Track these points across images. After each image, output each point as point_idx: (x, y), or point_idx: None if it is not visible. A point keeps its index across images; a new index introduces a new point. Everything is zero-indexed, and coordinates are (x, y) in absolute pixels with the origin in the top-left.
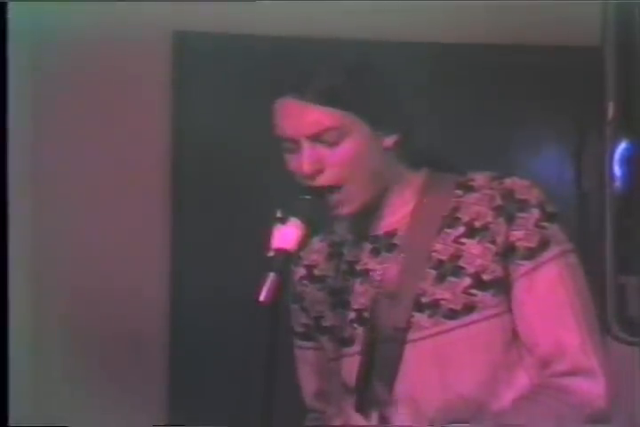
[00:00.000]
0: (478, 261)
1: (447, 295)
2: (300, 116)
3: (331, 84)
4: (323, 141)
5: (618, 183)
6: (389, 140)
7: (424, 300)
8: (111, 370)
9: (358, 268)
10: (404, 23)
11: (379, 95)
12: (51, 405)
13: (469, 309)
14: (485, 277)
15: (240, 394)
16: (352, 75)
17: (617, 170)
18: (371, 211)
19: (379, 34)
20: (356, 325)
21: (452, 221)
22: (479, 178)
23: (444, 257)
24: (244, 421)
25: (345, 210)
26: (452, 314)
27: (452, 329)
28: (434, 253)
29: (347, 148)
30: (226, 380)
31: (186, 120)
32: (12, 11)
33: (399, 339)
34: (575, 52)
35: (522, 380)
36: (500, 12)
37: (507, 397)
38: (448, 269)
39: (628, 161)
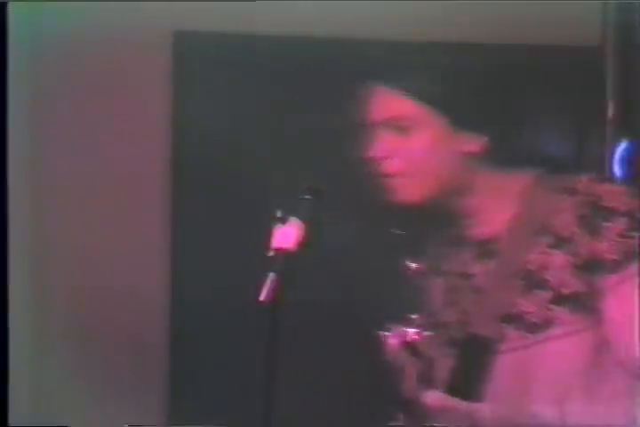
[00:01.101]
0: (559, 274)
1: (532, 308)
2: (382, 101)
3: (422, 77)
4: (397, 129)
5: (618, 183)
6: (474, 145)
7: (511, 311)
8: (111, 370)
9: (461, 272)
10: (404, 23)
11: (467, 96)
12: (51, 405)
13: (548, 323)
14: (564, 291)
15: (240, 394)
16: (445, 72)
17: (617, 170)
18: (464, 215)
19: (379, 34)
20: (450, 328)
21: (545, 228)
22: (583, 181)
23: (533, 267)
24: (244, 421)
25: (403, 197)
26: (534, 328)
27: (533, 344)
28: (525, 262)
29: (418, 139)
30: (226, 380)
31: (186, 120)
32: (12, 11)
33: (487, 349)
34: (575, 52)
35: (603, 396)
36: (499, 11)
37: (582, 415)
38: (535, 280)
39: (628, 161)
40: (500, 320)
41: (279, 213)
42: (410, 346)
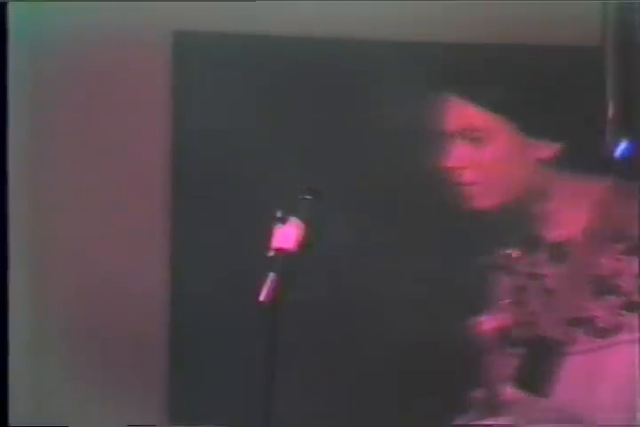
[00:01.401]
0: (632, 281)
1: (601, 313)
2: (454, 113)
3: (491, 88)
4: (470, 139)
5: None
6: (547, 150)
7: (581, 315)
8: (111, 370)
9: (533, 273)
10: (404, 23)
11: (538, 104)
12: (51, 405)
13: (618, 329)
14: (636, 297)
15: (240, 394)
16: (515, 81)
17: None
18: (539, 218)
19: (379, 34)
20: (519, 327)
21: (619, 234)
22: None
23: (605, 273)
24: (244, 421)
25: (478, 204)
26: (603, 332)
27: (602, 348)
28: (598, 268)
29: (491, 149)
30: (226, 380)
31: (186, 120)
32: (12, 11)
33: (555, 350)
34: (575, 52)
35: None
36: (500, 11)
37: None
38: (606, 285)
39: (628, 161)
40: (569, 323)
41: (279, 213)
42: (500, 331)
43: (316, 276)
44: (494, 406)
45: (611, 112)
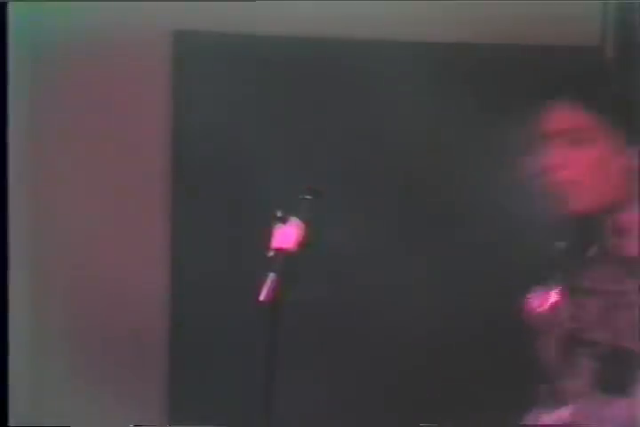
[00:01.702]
0: None
1: None
2: (556, 113)
3: (593, 88)
4: (571, 140)
5: None
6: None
7: None
8: (111, 370)
9: (611, 290)
10: (404, 23)
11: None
12: (51, 405)
13: None
14: None
15: (240, 394)
16: (616, 82)
17: None
18: (618, 229)
19: (379, 34)
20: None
21: None
22: None
23: None
24: (244, 421)
25: (574, 207)
26: None
27: None
28: None
29: (591, 150)
30: (226, 380)
31: (186, 120)
32: (12, 11)
33: (634, 362)
34: (575, 52)
35: None
36: (500, 11)
37: None
38: None
39: None
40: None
41: (279, 213)
42: (553, 307)
43: (316, 276)
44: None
45: None
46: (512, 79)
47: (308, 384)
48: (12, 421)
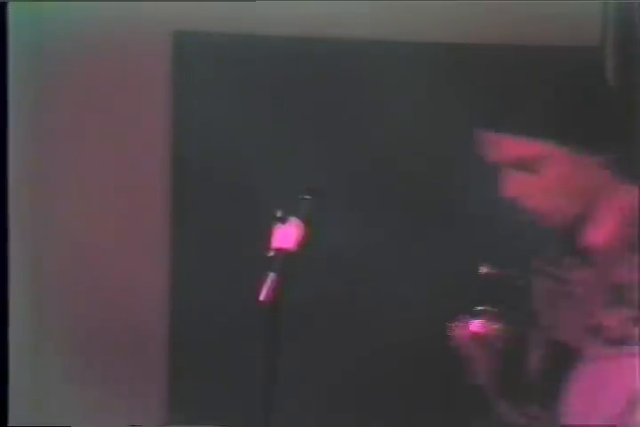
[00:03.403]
0: None
1: (612, 322)
2: (499, 147)
3: (527, 117)
4: (525, 169)
5: None
6: (601, 158)
7: (595, 322)
8: (111, 370)
9: (557, 276)
10: (404, 23)
11: (582, 120)
12: (51, 405)
13: (625, 341)
14: None
15: (240, 394)
16: (549, 105)
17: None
18: (579, 224)
19: (379, 34)
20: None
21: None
22: None
23: (622, 282)
24: (244, 421)
25: (551, 224)
26: (610, 342)
27: (605, 358)
28: (616, 276)
29: (549, 174)
30: (226, 380)
31: (186, 120)
32: (12, 11)
33: (570, 354)
34: (575, 52)
35: None
36: (500, 11)
37: None
38: (621, 296)
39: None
40: (585, 329)
41: (279, 213)
42: (477, 337)
43: (316, 276)
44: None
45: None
46: (512, 79)
47: (308, 384)
48: (11, 421)
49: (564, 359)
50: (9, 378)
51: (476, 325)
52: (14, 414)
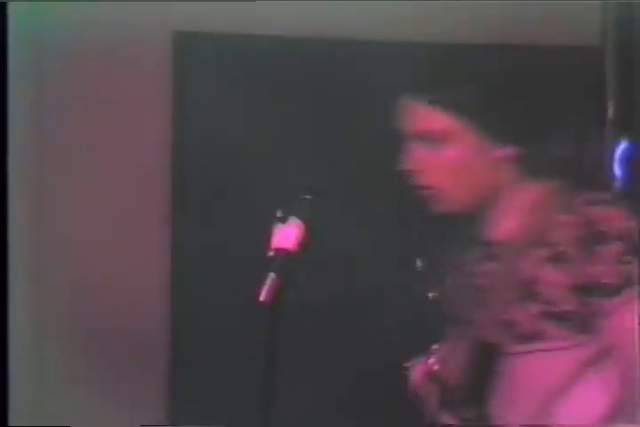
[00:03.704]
0: (552, 291)
1: (521, 318)
2: (412, 115)
3: (449, 89)
4: (429, 142)
5: (618, 183)
6: (504, 152)
7: (505, 318)
8: (111, 370)
9: (467, 270)
10: (404, 23)
11: (497, 105)
12: (51, 405)
13: (535, 337)
14: (555, 308)
15: (240, 394)
16: (473, 82)
17: (617, 170)
18: (481, 215)
19: (378, 34)
20: (455, 324)
21: (544, 240)
22: (585, 197)
23: (527, 278)
24: (244, 421)
25: (440, 208)
26: (521, 338)
27: (519, 354)
28: (521, 272)
29: (450, 152)
30: (226, 380)
31: (186, 120)
32: (12, 11)
33: (490, 350)
34: (575, 52)
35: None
36: (499, 11)
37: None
38: (527, 291)
39: (627, 161)
40: (500, 326)
41: (279, 213)
42: (432, 376)
43: (316, 276)
44: None
45: (611, 112)
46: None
47: (308, 384)
48: (11, 421)
49: (487, 358)
50: (9, 378)
51: (431, 362)
52: (14, 414)
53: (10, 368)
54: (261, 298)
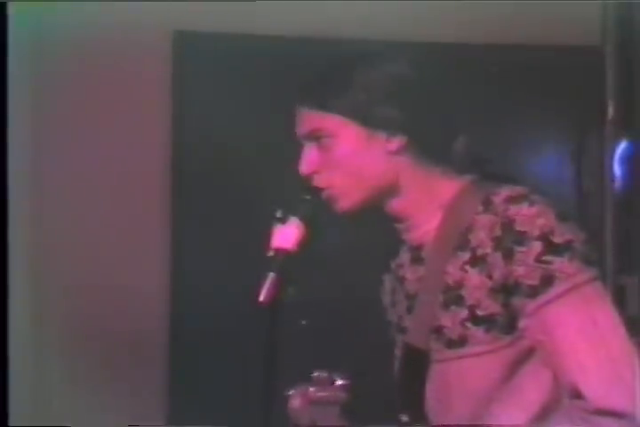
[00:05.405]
0: (475, 294)
1: (448, 323)
2: (298, 119)
3: (314, 87)
4: (318, 144)
5: (618, 183)
6: (394, 143)
7: (434, 323)
8: (111, 370)
9: (399, 275)
10: (404, 23)
11: (368, 96)
12: (51, 405)
13: (463, 341)
14: (479, 312)
15: (240, 394)
16: (334, 76)
17: (617, 170)
18: (402, 218)
19: (379, 34)
20: (395, 331)
21: (464, 243)
22: (501, 195)
23: (451, 282)
24: (244, 421)
25: (339, 207)
26: (450, 344)
27: (449, 359)
28: (445, 276)
29: (337, 150)
30: (226, 380)
31: (186, 120)
32: (12, 11)
33: (420, 355)
34: (575, 52)
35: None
36: (499, 11)
37: None
38: (452, 295)
39: (627, 161)
40: (429, 331)
41: (279, 213)
42: (312, 404)
43: (316, 276)
44: None
45: (611, 112)
46: (512, 79)
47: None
48: (11, 421)
49: (417, 363)
50: (9, 378)
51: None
52: (14, 414)
53: (10, 368)
54: (261, 298)
